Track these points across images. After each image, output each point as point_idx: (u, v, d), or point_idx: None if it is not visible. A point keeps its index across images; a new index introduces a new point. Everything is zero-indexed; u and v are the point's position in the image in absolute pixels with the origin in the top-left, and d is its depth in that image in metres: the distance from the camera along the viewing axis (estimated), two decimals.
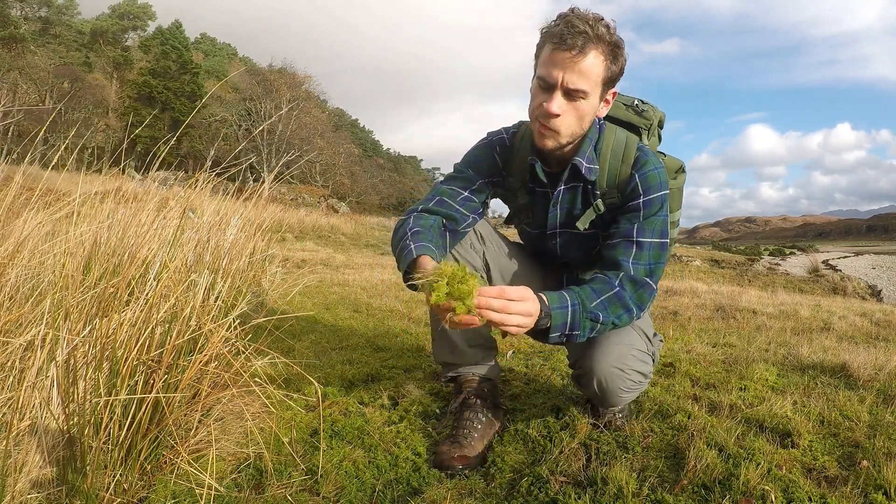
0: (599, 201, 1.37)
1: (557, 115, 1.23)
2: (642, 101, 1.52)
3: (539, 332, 1.19)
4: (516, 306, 1.08)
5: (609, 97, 1.32)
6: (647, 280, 1.28)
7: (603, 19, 1.21)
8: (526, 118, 1.42)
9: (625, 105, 1.50)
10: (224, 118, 31.22)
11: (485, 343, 1.55)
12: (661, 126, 1.55)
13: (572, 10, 1.21)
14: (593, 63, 1.20)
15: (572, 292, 1.21)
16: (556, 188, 1.39)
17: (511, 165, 1.45)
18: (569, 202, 1.41)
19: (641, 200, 1.31)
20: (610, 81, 1.27)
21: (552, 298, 1.18)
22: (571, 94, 1.22)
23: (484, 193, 1.45)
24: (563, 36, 1.18)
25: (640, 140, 1.46)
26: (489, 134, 1.50)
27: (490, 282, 1.48)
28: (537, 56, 1.28)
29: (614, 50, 1.23)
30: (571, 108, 1.24)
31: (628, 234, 1.30)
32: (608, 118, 1.45)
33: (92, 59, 40.31)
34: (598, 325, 1.22)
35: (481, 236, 1.49)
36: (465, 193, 1.41)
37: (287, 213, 12.39)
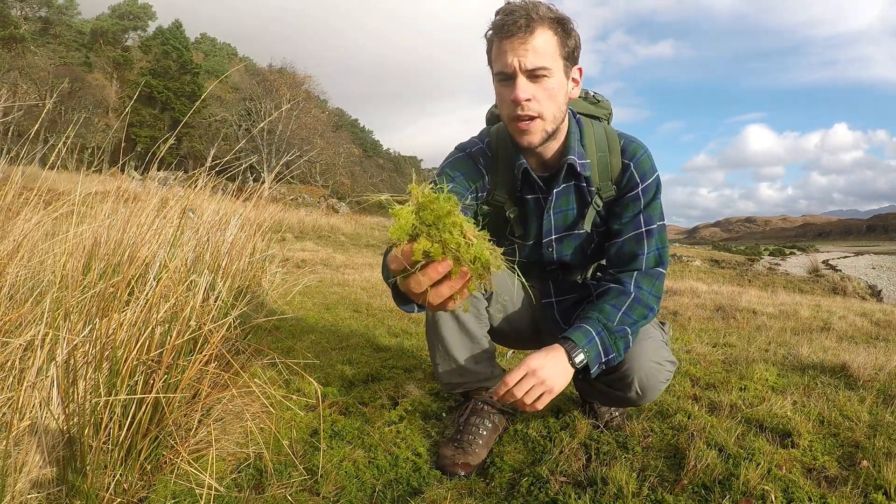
0: (597, 198, 1.34)
1: (528, 99, 1.18)
2: (595, 93, 1.49)
3: (579, 372, 1.20)
4: (544, 373, 1.12)
5: (576, 76, 1.26)
6: (658, 269, 1.31)
7: (542, 3, 1.18)
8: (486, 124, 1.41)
9: (581, 97, 1.46)
10: (224, 118, 31.22)
11: (490, 356, 1.47)
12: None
13: (507, 2, 1.20)
14: (544, 39, 1.16)
15: (592, 320, 1.22)
16: (551, 192, 1.34)
17: (496, 176, 1.37)
18: (563, 205, 1.36)
19: (640, 189, 1.31)
20: (569, 57, 1.22)
21: (578, 337, 1.19)
22: (534, 75, 1.17)
23: (473, 208, 1.35)
24: (506, 24, 1.16)
25: None
26: (462, 146, 1.40)
27: (489, 303, 1.42)
28: (490, 60, 1.24)
29: (563, 24, 1.19)
30: (540, 90, 1.18)
31: (637, 226, 1.31)
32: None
33: (92, 59, 40.30)
34: (629, 338, 1.23)
35: None
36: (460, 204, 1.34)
37: (287, 213, 12.38)
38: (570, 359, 1.16)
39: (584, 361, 1.17)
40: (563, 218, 1.37)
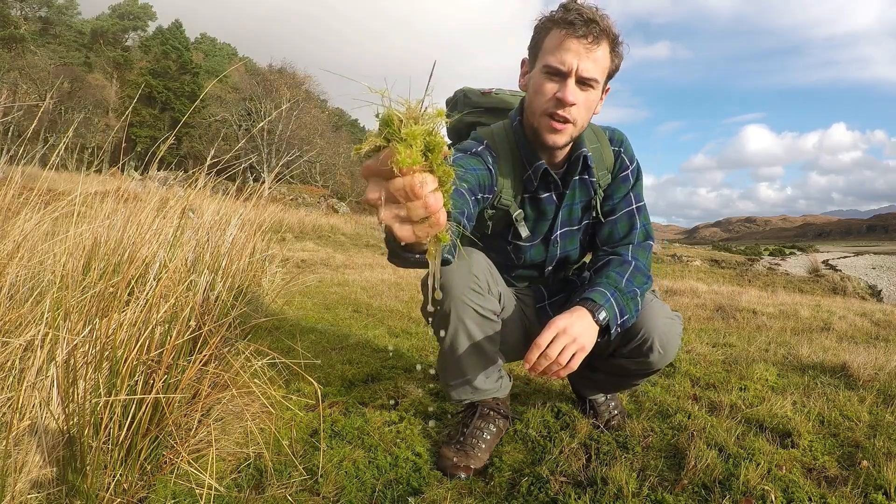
0: (599, 188, 1.38)
1: (573, 104, 1.18)
2: None
3: (601, 334, 1.18)
4: (574, 330, 1.10)
5: (604, 94, 1.29)
6: (648, 241, 1.38)
7: (607, 15, 1.19)
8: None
9: None
10: (224, 118, 31.21)
11: (500, 369, 1.46)
12: None
13: (575, 0, 1.19)
14: (603, 53, 1.19)
15: (604, 283, 1.24)
16: (567, 187, 1.35)
17: (501, 179, 1.32)
18: (569, 199, 1.38)
19: (630, 171, 1.40)
20: (609, 75, 1.25)
21: (596, 296, 1.19)
22: (584, 83, 1.18)
23: (478, 208, 1.22)
24: (576, 23, 1.14)
25: None
26: (462, 149, 1.29)
27: (499, 315, 1.38)
28: (538, 46, 1.22)
29: (616, 44, 1.22)
30: (583, 98, 1.20)
31: (628, 203, 1.39)
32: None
33: (92, 59, 40.32)
34: (638, 300, 1.26)
35: (493, 275, 1.34)
36: (472, 199, 1.15)
37: (287, 213, 12.38)
38: (594, 316, 1.15)
39: (607, 319, 1.17)
40: (568, 212, 1.40)
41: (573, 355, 1.09)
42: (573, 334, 1.09)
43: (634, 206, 1.39)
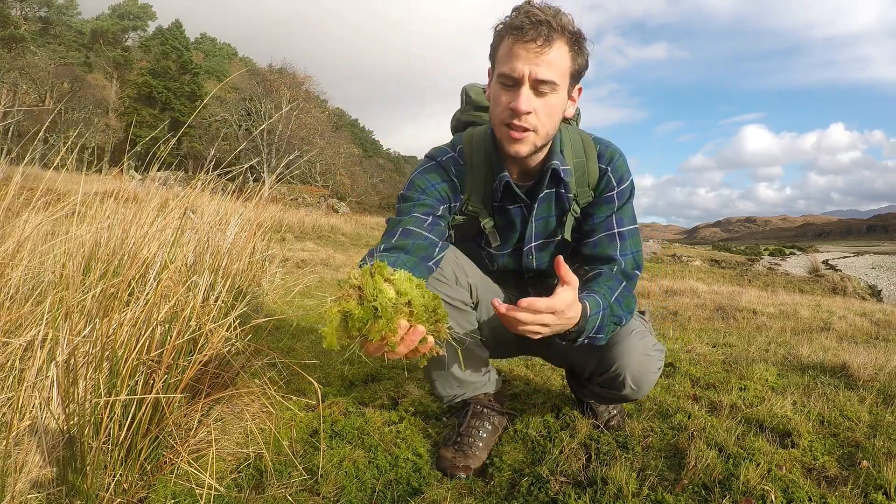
0: (575, 204, 1.31)
1: (528, 112, 1.13)
2: None
3: (562, 337, 1.10)
4: (555, 322, 1.01)
5: (575, 95, 1.23)
6: (636, 272, 1.29)
7: (562, 10, 1.13)
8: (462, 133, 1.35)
9: None
10: (224, 118, 31.21)
11: (486, 363, 1.45)
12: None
13: (528, 2, 1.14)
14: (559, 54, 1.12)
15: (600, 294, 1.16)
16: (535, 200, 1.29)
17: (470, 186, 1.31)
18: (545, 211, 1.32)
19: (616, 192, 1.30)
20: (576, 75, 1.19)
21: (592, 305, 1.10)
22: (540, 88, 1.12)
23: (447, 219, 1.28)
24: (525, 27, 1.09)
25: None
26: (430, 156, 1.33)
27: (477, 311, 1.36)
28: (494, 55, 1.18)
29: (578, 41, 1.15)
30: (541, 104, 1.14)
31: (609, 227, 1.29)
32: None
33: (92, 59, 40.36)
34: (617, 327, 1.21)
35: (461, 266, 1.31)
36: (430, 219, 1.21)
37: (287, 213, 12.37)
38: (579, 321, 1.07)
39: (582, 331, 1.09)
40: (543, 225, 1.34)
41: (533, 332, 1.02)
42: (549, 322, 1.00)
43: (616, 231, 1.29)
